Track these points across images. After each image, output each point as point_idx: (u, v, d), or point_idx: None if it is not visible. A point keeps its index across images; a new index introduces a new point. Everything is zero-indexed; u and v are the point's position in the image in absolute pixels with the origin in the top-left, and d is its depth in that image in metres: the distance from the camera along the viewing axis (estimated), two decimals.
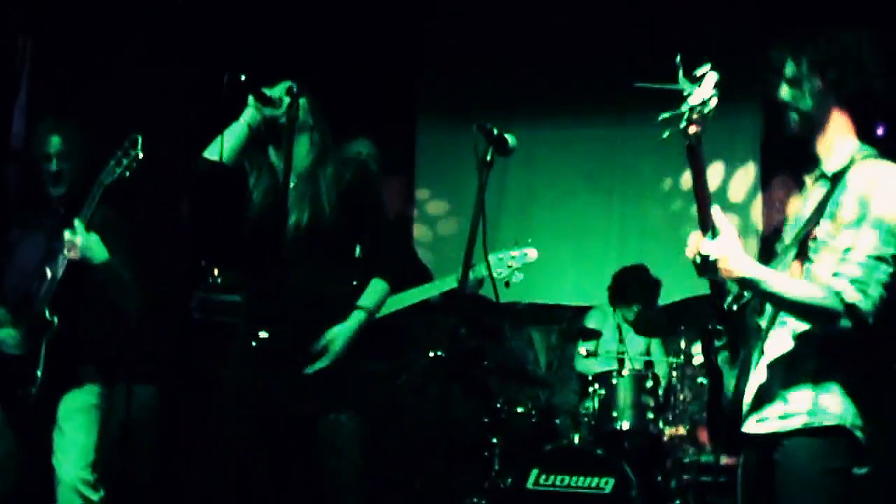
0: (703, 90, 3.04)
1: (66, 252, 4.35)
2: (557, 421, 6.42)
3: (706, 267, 2.97)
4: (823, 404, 2.93)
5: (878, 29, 3.11)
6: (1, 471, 4.54)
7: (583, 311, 7.13)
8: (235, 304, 6.26)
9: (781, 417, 2.97)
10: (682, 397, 6.08)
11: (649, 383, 5.95)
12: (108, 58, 6.68)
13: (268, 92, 3.82)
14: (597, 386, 6.00)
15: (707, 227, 3.00)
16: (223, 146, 3.79)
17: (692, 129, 3.05)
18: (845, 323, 2.83)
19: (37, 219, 4.73)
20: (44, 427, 4.50)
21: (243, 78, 3.71)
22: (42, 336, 4.43)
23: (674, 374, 6.14)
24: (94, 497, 4.44)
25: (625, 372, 5.99)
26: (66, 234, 4.32)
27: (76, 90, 6.36)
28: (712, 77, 3.03)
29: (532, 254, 5.05)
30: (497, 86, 7.97)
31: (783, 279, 2.94)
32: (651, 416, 5.89)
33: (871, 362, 3.04)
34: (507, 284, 5.00)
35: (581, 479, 5.65)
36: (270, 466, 3.76)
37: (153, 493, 6.62)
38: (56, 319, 4.42)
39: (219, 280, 6.62)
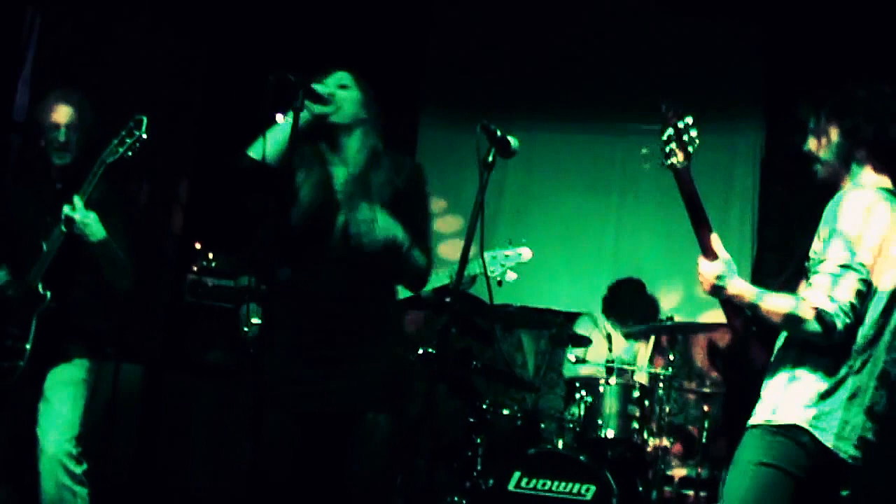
0: (681, 127, 3.35)
1: (63, 227, 4.35)
2: (542, 425, 6.40)
3: (705, 286, 3.34)
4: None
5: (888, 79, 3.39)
6: None
7: (574, 316, 7.13)
8: (227, 289, 6.29)
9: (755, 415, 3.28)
10: (667, 409, 6.09)
11: (636, 393, 5.95)
12: (113, 31, 6.68)
13: (318, 87, 3.72)
14: (584, 393, 6.00)
15: (707, 251, 3.38)
16: (271, 144, 3.70)
17: (675, 160, 3.35)
18: (814, 327, 3.06)
19: (34, 188, 4.74)
20: (28, 399, 4.49)
21: (292, 78, 3.63)
22: (34, 310, 4.43)
23: (660, 385, 6.14)
24: (77, 470, 4.44)
25: (612, 380, 5.99)
26: (65, 210, 4.32)
27: (81, 64, 6.37)
28: (689, 118, 3.34)
29: (526, 253, 5.06)
30: (498, 87, 7.98)
31: (765, 294, 3.19)
32: (636, 425, 5.89)
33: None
34: (499, 283, 5.01)
35: (563, 484, 5.65)
36: (300, 460, 3.72)
37: (134, 470, 6.63)
38: (49, 294, 4.42)
39: (213, 264, 6.61)
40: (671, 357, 6.11)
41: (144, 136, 4.33)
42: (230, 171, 3.80)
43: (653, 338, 6.75)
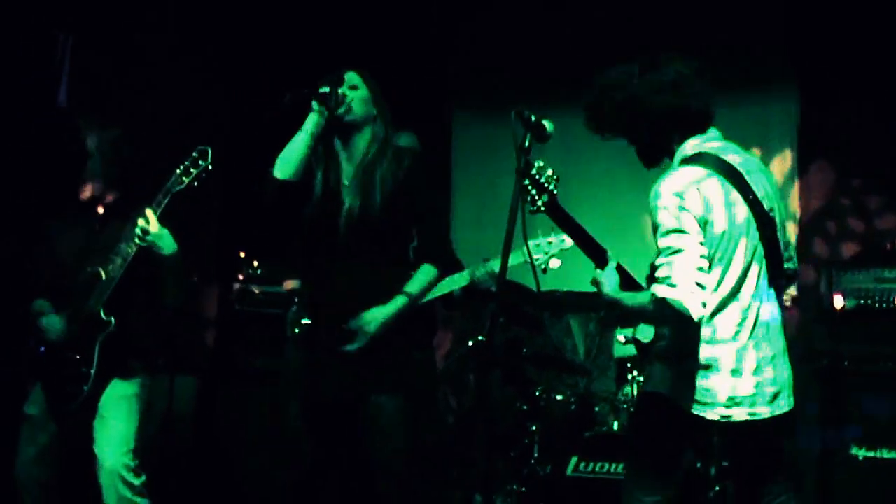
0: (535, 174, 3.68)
1: (136, 240, 4.41)
2: (596, 408, 6.41)
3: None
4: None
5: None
6: (43, 461, 4.59)
7: None
8: (275, 295, 6.34)
9: None
10: None
11: None
12: (143, 52, 6.73)
13: (328, 89, 3.87)
14: (636, 373, 5.99)
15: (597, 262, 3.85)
16: (291, 161, 3.85)
17: (541, 203, 3.76)
18: (667, 313, 3.30)
19: (74, 215, 4.80)
20: (84, 418, 4.55)
21: (305, 91, 3.74)
22: (97, 335, 4.49)
23: None
24: (136, 482, 4.50)
25: None
26: (140, 224, 4.38)
27: (111, 85, 6.43)
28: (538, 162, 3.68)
29: (569, 240, 5.04)
30: (530, 76, 7.97)
31: (628, 296, 3.62)
32: None
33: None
34: (544, 271, 5.00)
35: (621, 465, 5.64)
36: (321, 449, 3.82)
37: (192, 482, 6.69)
38: (113, 320, 4.48)
39: (258, 271, 6.67)
40: None
41: (210, 167, 4.41)
42: (264, 199, 3.90)
43: None
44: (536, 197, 3.66)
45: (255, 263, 6.67)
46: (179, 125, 6.64)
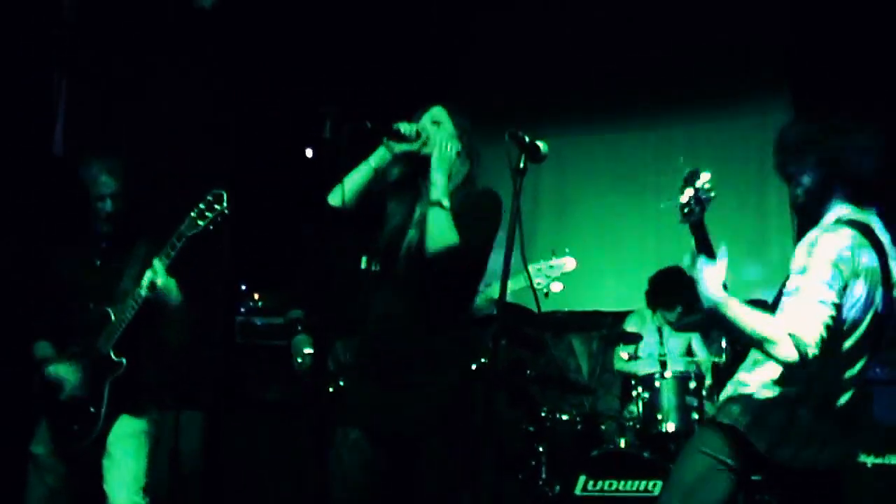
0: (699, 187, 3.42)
1: (142, 293, 4.41)
2: (602, 426, 6.42)
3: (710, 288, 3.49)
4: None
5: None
6: (53, 502, 4.59)
7: (622, 316, 7.13)
8: (278, 327, 6.35)
9: None
10: None
11: (692, 384, 5.93)
12: (140, 84, 6.76)
13: (403, 126, 3.76)
14: (640, 389, 6.00)
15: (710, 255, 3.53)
16: (346, 189, 3.77)
17: (693, 217, 3.47)
18: (779, 348, 3.20)
19: (76, 246, 4.79)
20: (94, 456, 4.55)
21: (369, 125, 3.68)
22: (107, 376, 4.48)
23: (716, 373, 6.13)
24: None
25: (667, 374, 5.98)
26: (148, 275, 4.37)
27: (111, 121, 6.46)
28: (705, 177, 3.40)
29: (570, 263, 5.05)
30: (522, 95, 8.03)
31: (743, 307, 3.37)
32: (696, 416, 5.88)
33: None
34: (546, 295, 5.00)
35: (629, 483, 5.64)
36: (371, 475, 3.75)
37: None
38: (125, 361, 4.48)
39: (259, 304, 6.69)
40: (723, 344, 6.08)
41: (227, 210, 4.40)
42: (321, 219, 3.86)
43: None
44: (693, 210, 3.47)
45: (256, 296, 6.69)
46: (183, 158, 6.67)
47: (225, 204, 4.38)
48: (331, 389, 4.86)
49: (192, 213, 4.38)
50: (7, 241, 5.81)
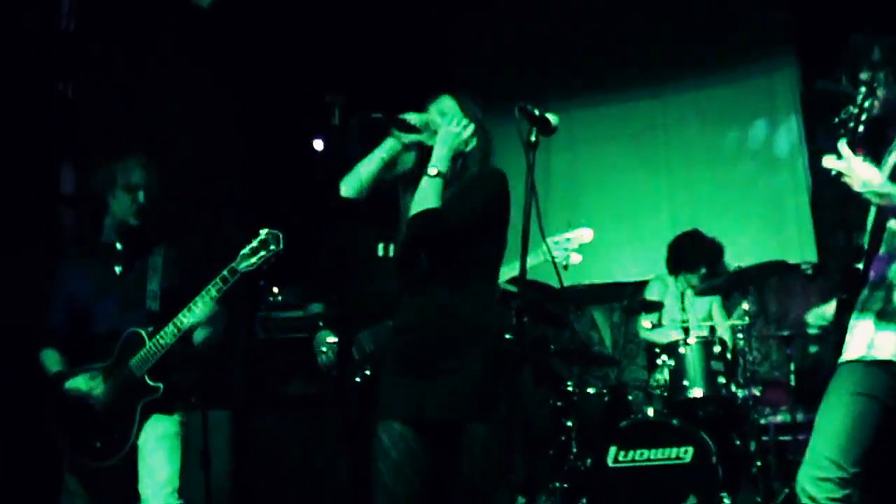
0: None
1: (186, 322, 4.37)
2: (630, 397, 6.42)
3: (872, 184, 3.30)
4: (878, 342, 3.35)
5: None
6: None
7: (642, 285, 7.11)
8: (299, 320, 6.35)
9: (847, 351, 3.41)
10: (750, 359, 6.05)
11: (717, 348, 5.92)
12: (143, 88, 6.76)
13: (410, 116, 3.76)
14: (665, 357, 5.99)
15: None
16: (357, 179, 3.78)
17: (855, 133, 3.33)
18: None
19: (94, 263, 4.71)
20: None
21: (376, 115, 3.68)
22: (140, 401, 4.45)
23: (739, 336, 6.12)
24: None
25: (691, 340, 5.97)
26: (199, 306, 4.34)
27: (121, 130, 6.46)
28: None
29: (587, 234, 5.03)
30: (528, 68, 8.02)
31: None
32: (722, 380, 5.87)
33: None
34: (566, 267, 4.98)
35: (660, 451, 5.65)
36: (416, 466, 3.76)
37: None
38: (161, 386, 4.46)
39: (279, 298, 6.68)
40: (745, 306, 6.07)
41: (282, 252, 4.37)
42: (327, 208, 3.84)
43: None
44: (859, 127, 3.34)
45: (276, 290, 6.69)
46: (191, 159, 6.67)
47: (281, 245, 4.36)
48: (357, 380, 4.85)
49: (245, 250, 4.35)
50: (11, 247, 5.80)
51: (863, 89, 3.33)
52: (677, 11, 7.73)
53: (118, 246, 4.68)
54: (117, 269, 4.66)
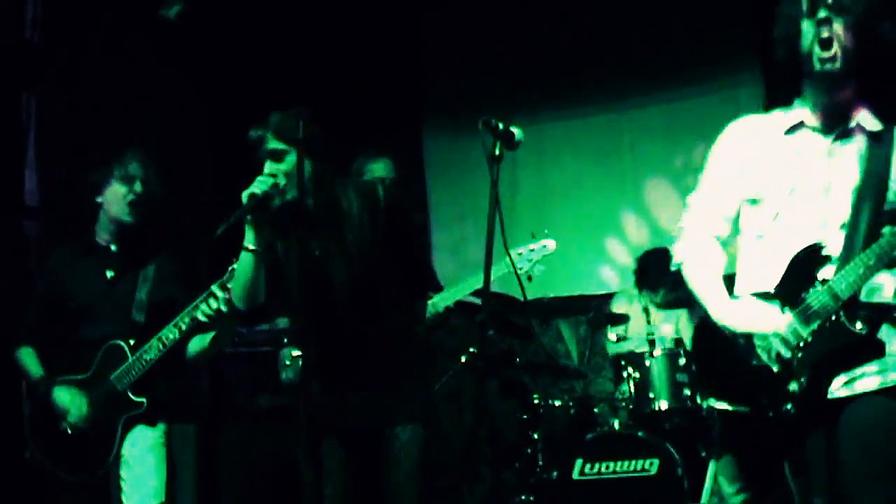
0: None
1: (171, 337, 4.34)
2: (596, 409, 6.41)
3: None
4: None
5: None
6: None
7: (607, 298, 7.14)
8: (263, 332, 6.33)
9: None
10: None
11: (682, 360, 5.94)
12: (112, 98, 6.73)
13: (260, 186, 3.74)
14: (631, 370, 6.00)
15: None
16: (246, 293, 3.83)
17: None
18: None
19: (83, 254, 4.65)
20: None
21: (231, 220, 3.67)
22: (122, 415, 4.42)
23: None
24: None
25: (657, 352, 5.98)
26: (210, 304, 4.27)
27: (84, 140, 6.41)
28: None
29: (551, 245, 5.04)
30: (497, 83, 8.03)
31: None
32: (688, 392, 5.89)
33: None
34: (529, 278, 4.98)
35: (626, 463, 5.66)
36: (344, 481, 3.83)
37: None
38: (145, 401, 4.43)
39: None
40: None
41: None
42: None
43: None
44: None
45: None
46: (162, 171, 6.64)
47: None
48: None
49: (235, 265, 4.32)
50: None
51: None
52: (644, 27, 7.76)
53: (112, 248, 4.62)
54: (108, 274, 4.60)
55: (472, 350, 5.64)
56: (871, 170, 3.11)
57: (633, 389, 5.98)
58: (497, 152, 3.39)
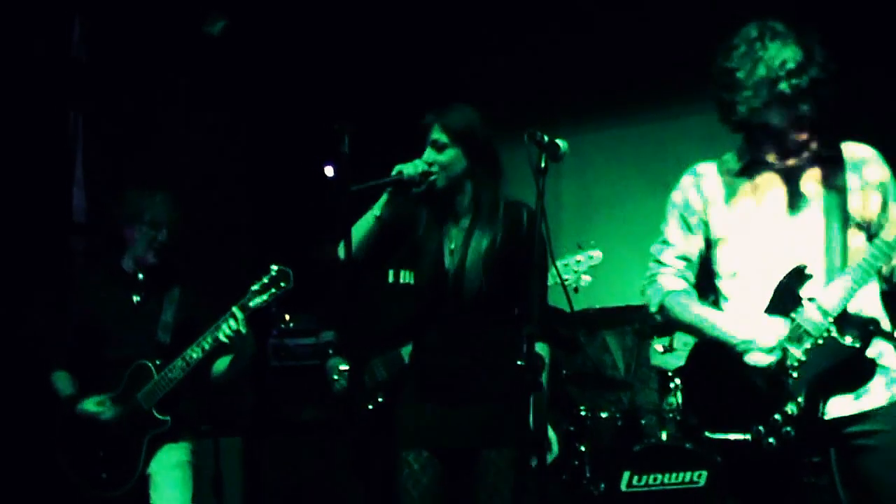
0: None
1: (195, 356, 4.41)
2: (643, 421, 6.38)
3: None
4: None
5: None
6: None
7: None
8: (311, 346, 6.35)
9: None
10: None
11: None
12: (154, 118, 6.79)
13: (407, 170, 3.71)
14: (678, 381, 5.97)
15: None
16: (353, 241, 3.68)
17: None
18: None
19: (111, 291, 4.76)
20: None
21: (373, 183, 3.66)
22: (147, 433, 4.49)
23: None
24: None
25: None
26: (230, 324, 4.35)
27: (128, 157, 6.48)
28: None
29: (597, 255, 5.03)
30: (539, 95, 8.01)
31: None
32: None
33: None
34: (576, 290, 4.97)
35: (674, 475, 5.62)
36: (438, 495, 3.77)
37: None
38: (169, 419, 4.49)
39: (291, 325, 6.68)
40: None
41: (291, 288, 4.39)
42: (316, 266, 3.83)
43: None
44: None
45: (287, 317, 6.69)
46: (201, 188, 6.69)
47: (291, 283, 4.38)
48: (370, 407, 4.85)
49: (256, 286, 4.38)
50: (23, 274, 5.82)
51: None
52: (685, 35, 7.71)
53: (140, 276, 4.71)
54: (135, 298, 4.69)
55: (519, 363, 5.59)
56: (830, 188, 3.23)
57: (679, 400, 5.94)
58: (542, 164, 3.39)
